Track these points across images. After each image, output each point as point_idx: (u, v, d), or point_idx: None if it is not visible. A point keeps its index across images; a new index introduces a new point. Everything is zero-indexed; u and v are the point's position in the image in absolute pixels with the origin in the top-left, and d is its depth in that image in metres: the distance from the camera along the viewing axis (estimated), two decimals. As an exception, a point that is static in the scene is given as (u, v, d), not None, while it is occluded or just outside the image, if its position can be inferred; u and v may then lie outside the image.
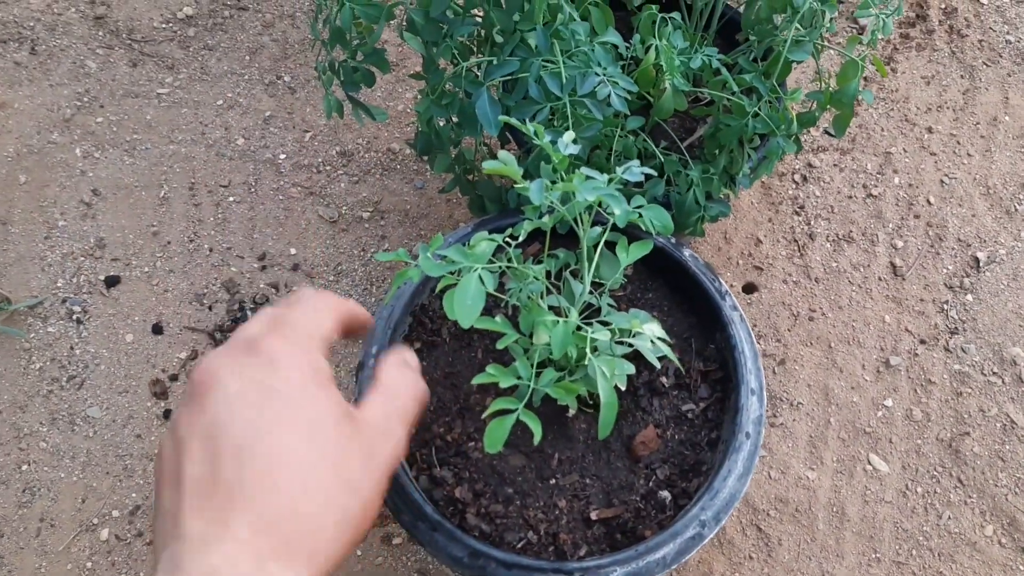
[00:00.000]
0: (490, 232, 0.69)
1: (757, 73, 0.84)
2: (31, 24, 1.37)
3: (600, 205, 0.61)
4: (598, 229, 0.67)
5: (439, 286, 0.62)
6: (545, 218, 0.64)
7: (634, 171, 0.62)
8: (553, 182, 0.60)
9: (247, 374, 0.44)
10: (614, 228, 0.66)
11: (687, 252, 0.83)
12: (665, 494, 0.75)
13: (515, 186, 0.59)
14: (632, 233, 0.75)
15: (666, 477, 0.76)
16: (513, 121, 0.63)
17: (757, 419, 0.76)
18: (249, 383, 0.44)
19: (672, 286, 0.85)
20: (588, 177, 0.59)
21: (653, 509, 0.74)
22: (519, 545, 0.72)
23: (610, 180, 0.60)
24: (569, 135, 0.62)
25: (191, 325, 1.13)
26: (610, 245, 0.73)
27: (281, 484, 0.41)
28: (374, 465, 0.45)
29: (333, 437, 0.44)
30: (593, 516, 0.73)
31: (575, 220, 0.64)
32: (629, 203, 0.66)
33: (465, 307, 0.54)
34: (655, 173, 0.65)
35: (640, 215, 0.64)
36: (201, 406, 0.43)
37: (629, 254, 0.72)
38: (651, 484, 0.76)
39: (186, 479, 0.41)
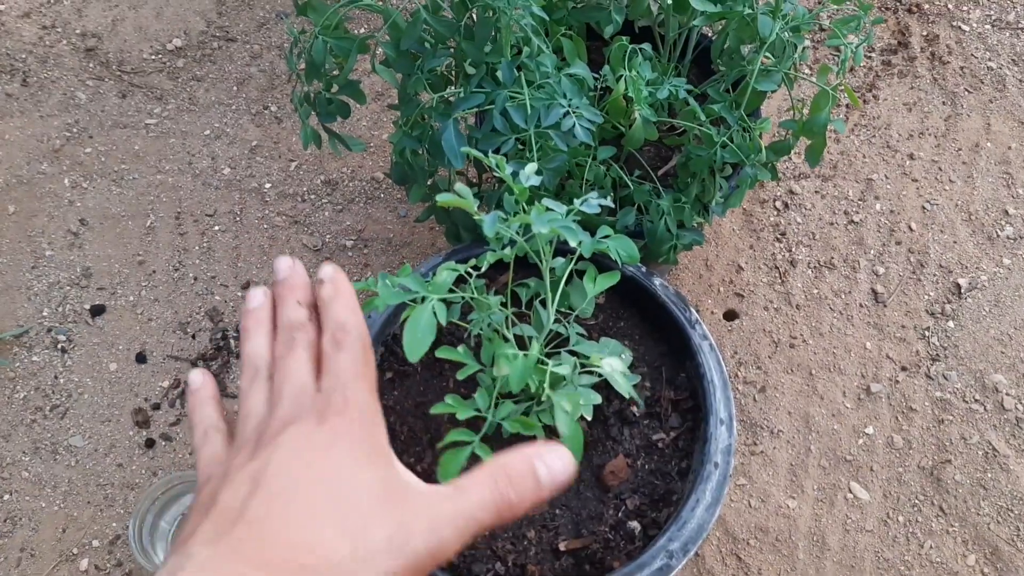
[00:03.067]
0: (459, 262, 0.69)
1: (726, 103, 0.85)
2: (23, 56, 1.39)
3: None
4: (562, 260, 0.67)
5: (402, 316, 0.62)
6: (507, 249, 0.65)
7: (591, 202, 0.62)
8: (516, 213, 0.61)
9: (309, 437, 0.46)
10: (583, 257, 0.67)
11: (657, 281, 0.83)
12: (635, 524, 0.74)
13: (475, 217, 0.60)
14: (602, 262, 0.75)
15: (636, 507, 0.76)
16: (476, 153, 0.63)
17: (726, 448, 0.75)
18: (308, 448, 0.45)
19: (643, 315, 0.85)
20: (548, 208, 0.59)
21: (622, 540, 0.74)
22: None
23: (569, 211, 0.61)
24: (531, 167, 0.62)
25: (174, 354, 1.14)
26: (581, 273, 0.73)
27: (298, 539, 0.42)
28: (402, 553, 0.45)
29: (366, 520, 0.45)
30: (562, 547, 0.73)
31: (540, 250, 0.64)
32: (595, 233, 0.66)
33: (415, 339, 0.54)
34: (612, 205, 0.65)
35: (607, 245, 0.64)
36: (257, 454, 0.46)
37: (596, 284, 0.72)
38: (620, 514, 0.75)
39: (217, 506, 0.42)
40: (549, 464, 0.47)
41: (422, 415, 0.80)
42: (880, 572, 0.99)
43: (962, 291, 1.17)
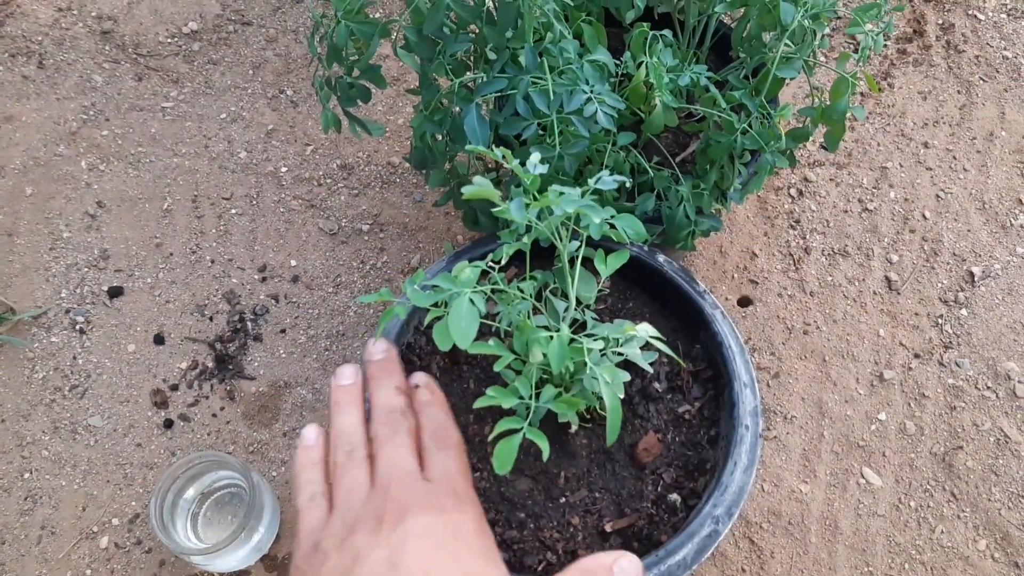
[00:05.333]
0: (471, 260, 0.70)
1: (747, 90, 0.85)
2: (39, 39, 1.39)
3: (578, 219, 0.62)
4: (575, 243, 0.68)
5: (427, 320, 0.63)
6: (525, 238, 0.65)
7: (606, 180, 0.63)
8: (527, 204, 0.61)
9: (433, 528, 0.55)
10: (588, 243, 0.67)
11: (661, 258, 0.84)
12: (675, 497, 0.75)
13: (493, 210, 0.60)
14: (606, 246, 0.75)
15: (673, 480, 0.76)
16: (480, 149, 0.63)
17: (754, 410, 0.76)
18: (434, 539, 0.55)
19: (651, 293, 0.86)
20: (561, 193, 0.60)
21: (665, 513, 0.75)
22: (540, 568, 0.71)
23: (584, 192, 0.61)
24: (536, 156, 0.62)
25: (192, 335, 1.15)
26: (585, 262, 0.73)
27: None
28: None
29: None
30: (608, 528, 0.73)
31: (554, 234, 0.64)
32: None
33: (460, 329, 0.55)
34: (628, 178, 0.66)
35: (612, 226, 0.64)
36: (386, 536, 0.54)
37: (608, 265, 0.72)
38: (659, 489, 0.76)
39: None
40: (623, 567, 0.56)
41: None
42: (891, 556, 1.00)
43: (975, 279, 1.18)
